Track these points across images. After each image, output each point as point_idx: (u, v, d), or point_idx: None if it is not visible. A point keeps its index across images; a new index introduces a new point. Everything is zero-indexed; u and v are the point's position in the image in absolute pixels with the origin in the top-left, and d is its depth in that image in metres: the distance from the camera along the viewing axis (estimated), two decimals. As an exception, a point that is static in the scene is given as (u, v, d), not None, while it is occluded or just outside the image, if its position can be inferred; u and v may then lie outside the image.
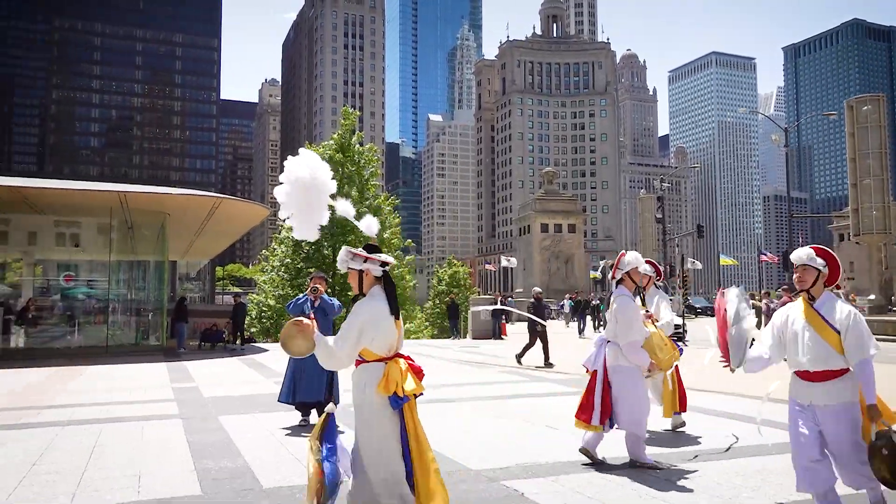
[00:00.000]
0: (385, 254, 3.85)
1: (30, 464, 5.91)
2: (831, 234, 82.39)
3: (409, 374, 3.69)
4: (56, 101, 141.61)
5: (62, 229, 23.44)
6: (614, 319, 5.80)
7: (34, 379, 12.92)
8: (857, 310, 4.07)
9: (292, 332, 3.66)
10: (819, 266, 4.07)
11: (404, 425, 3.61)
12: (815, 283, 4.06)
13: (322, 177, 3.73)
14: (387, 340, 3.70)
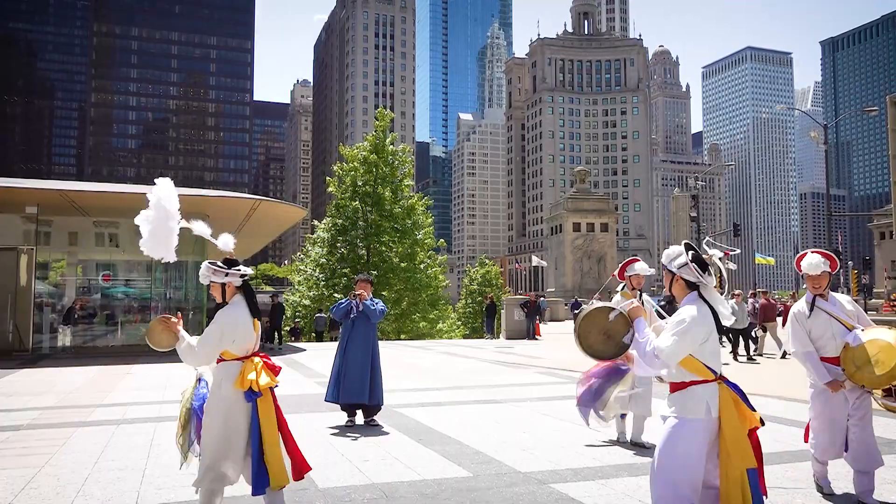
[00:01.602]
0: (243, 266, 4.30)
1: (92, 461, 6.13)
2: (871, 232, 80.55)
3: (263, 370, 4.09)
4: (95, 105, 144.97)
5: (102, 230, 23.96)
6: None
7: (84, 377, 13.30)
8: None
9: (156, 328, 4.19)
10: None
11: (257, 417, 4.03)
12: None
13: (167, 205, 4.16)
14: (246, 343, 4.16)
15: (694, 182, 60.09)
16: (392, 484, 5.35)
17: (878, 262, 71.87)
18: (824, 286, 4.74)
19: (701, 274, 3.54)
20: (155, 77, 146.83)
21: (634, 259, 6.92)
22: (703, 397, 3.43)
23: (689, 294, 3.59)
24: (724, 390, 3.46)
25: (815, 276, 4.85)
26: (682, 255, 3.60)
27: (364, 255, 33.25)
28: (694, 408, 3.43)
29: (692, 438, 3.40)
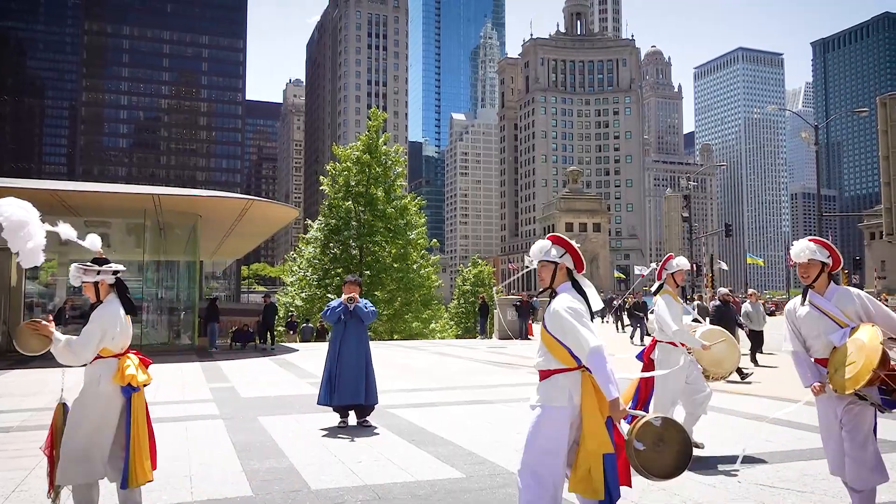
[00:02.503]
0: (114, 263, 4.33)
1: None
2: (861, 232, 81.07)
3: (139, 367, 4.20)
4: (85, 103, 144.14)
5: (93, 230, 23.80)
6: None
7: (76, 378, 13.22)
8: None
9: (25, 332, 4.16)
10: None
11: (130, 412, 4.12)
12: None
13: (13, 217, 4.04)
14: (123, 339, 4.22)
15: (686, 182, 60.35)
16: (385, 485, 5.35)
17: (869, 261, 72.36)
18: (813, 276, 4.18)
19: (579, 261, 3.77)
20: (146, 76, 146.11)
21: (671, 256, 6.68)
22: (565, 386, 3.51)
23: (565, 283, 3.72)
24: (587, 378, 3.52)
25: (802, 264, 4.26)
26: (552, 245, 3.72)
27: (357, 256, 33.20)
28: (557, 396, 3.51)
29: (555, 426, 3.49)
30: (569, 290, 3.67)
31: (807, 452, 6.41)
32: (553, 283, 3.74)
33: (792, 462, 6.05)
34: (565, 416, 3.50)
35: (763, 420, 7.87)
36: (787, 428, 7.71)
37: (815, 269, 4.15)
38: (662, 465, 3.46)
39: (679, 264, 6.48)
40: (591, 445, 3.44)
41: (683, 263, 6.51)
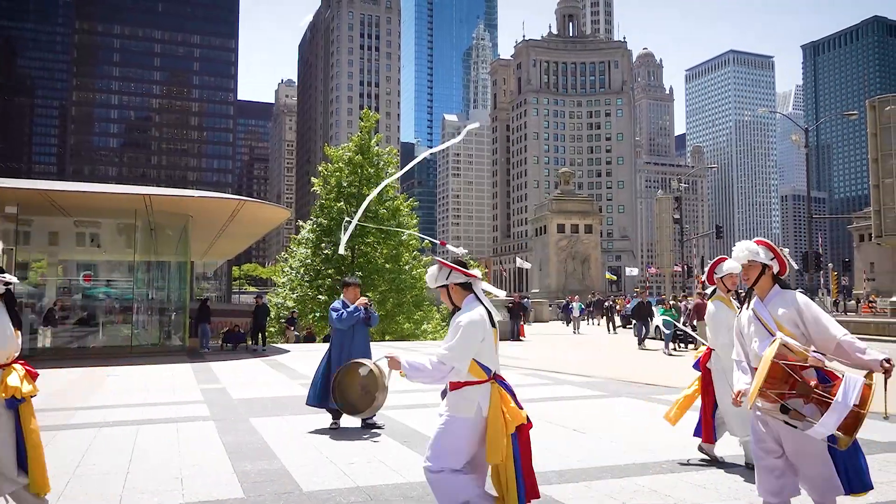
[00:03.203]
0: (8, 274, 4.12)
1: (74, 465, 6.06)
2: (851, 234, 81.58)
3: (25, 378, 4.04)
4: (76, 103, 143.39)
5: (83, 230, 23.72)
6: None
7: (65, 379, 13.15)
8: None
9: None
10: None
11: (20, 424, 4.00)
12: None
13: None
14: (9, 350, 4.03)
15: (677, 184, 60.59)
16: (377, 487, 5.35)
17: (858, 263, 72.82)
18: (752, 278, 3.91)
19: (468, 273, 3.73)
20: (137, 75, 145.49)
21: (722, 259, 6.13)
22: (474, 397, 3.60)
23: (467, 297, 3.75)
24: (496, 389, 3.62)
25: (744, 265, 3.99)
26: (442, 269, 3.78)
27: (349, 256, 33.15)
28: (465, 407, 3.61)
29: (461, 435, 3.58)
30: (471, 303, 3.74)
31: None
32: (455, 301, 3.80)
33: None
34: (472, 427, 3.60)
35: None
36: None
37: (755, 270, 3.90)
38: (349, 400, 3.88)
39: (728, 268, 5.98)
40: (493, 456, 3.53)
41: (733, 267, 5.90)
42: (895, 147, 30.39)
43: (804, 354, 3.58)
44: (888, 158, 30.50)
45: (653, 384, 12.11)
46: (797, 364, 3.56)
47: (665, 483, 5.43)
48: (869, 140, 31.72)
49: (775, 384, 3.56)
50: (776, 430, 3.72)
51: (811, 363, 3.55)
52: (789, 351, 3.59)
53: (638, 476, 5.63)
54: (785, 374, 3.55)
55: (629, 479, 5.56)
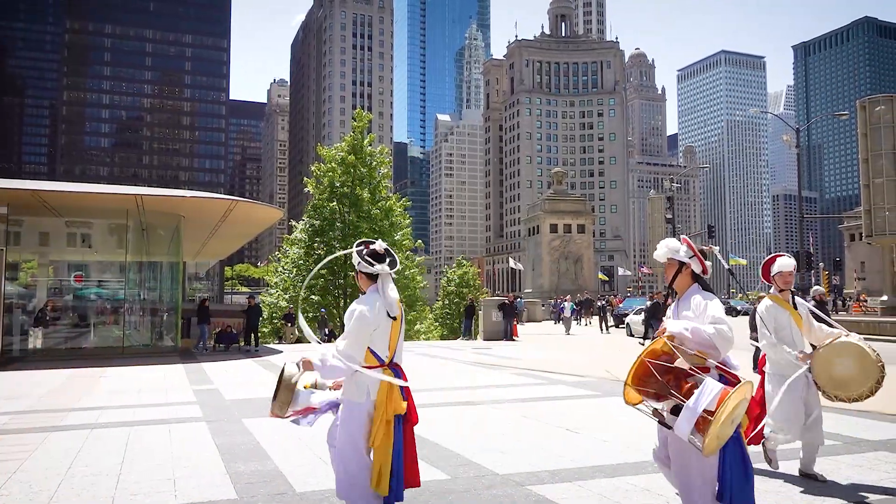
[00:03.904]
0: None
1: (66, 466, 6.04)
2: (842, 234, 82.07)
3: None
4: (66, 102, 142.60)
5: (74, 230, 23.61)
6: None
7: (57, 381, 13.09)
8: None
9: None
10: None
11: None
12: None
13: None
14: None
15: (669, 184, 60.81)
16: (370, 487, 5.34)
17: (849, 263, 73.26)
18: (670, 276, 4.01)
19: (373, 263, 3.92)
20: (129, 75, 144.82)
21: (776, 256, 5.81)
22: (364, 382, 3.81)
23: (370, 286, 3.97)
24: (387, 375, 3.81)
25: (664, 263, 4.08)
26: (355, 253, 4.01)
27: (341, 257, 33.10)
28: (356, 392, 3.82)
29: (355, 420, 3.81)
30: (370, 295, 3.93)
31: (788, 452, 6.48)
32: (360, 288, 4.05)
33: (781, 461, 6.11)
34: (363, 411, 3.82)
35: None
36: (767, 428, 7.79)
37: (672, 268, 3.92)
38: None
39: (780, 265, 5.62)
40: (372, 441, 3.76)
41: (785, 265, 5.60)
42: (885, 147, 30.53)
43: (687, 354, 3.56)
44: (878, 159, 30.64)
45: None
46: (662, 364, 3.56)
47: (658, 482, 5.45)
48: (859, 140, 31.83)
49: (643, 382, 3.59)
50: (664, 432, 3.80)
51: (678, 364, 3.53)
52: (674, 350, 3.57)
53: (631, 475, 5.65)
54: (650, 373, 3.56)
55: (622, 478, 5.58)
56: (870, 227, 31.13)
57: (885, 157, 30.57)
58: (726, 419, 3.28)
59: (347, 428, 3.84)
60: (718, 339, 3.50)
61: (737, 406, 3.34)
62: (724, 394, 3.29)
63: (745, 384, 3.42)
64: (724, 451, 3.52)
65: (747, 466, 3.59)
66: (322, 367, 3.85)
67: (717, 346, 3.53)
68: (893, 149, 30.60)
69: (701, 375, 3.47)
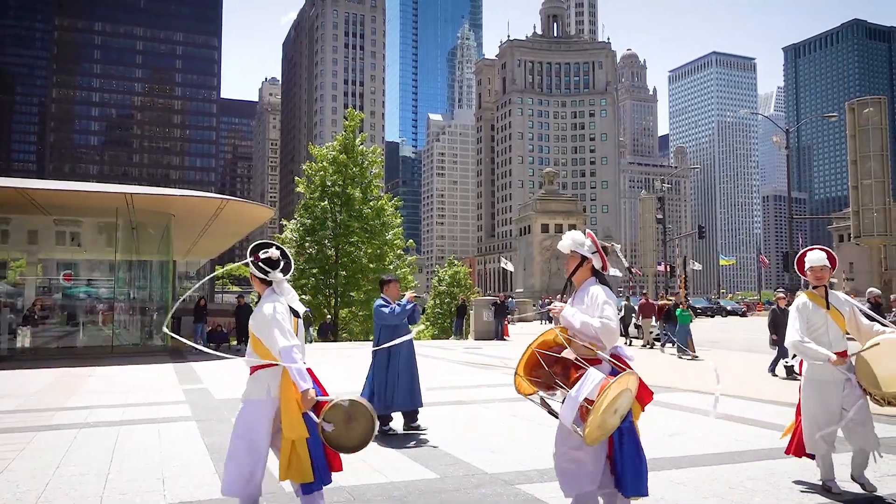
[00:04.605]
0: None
1: (54, 466, 6.02)
2: (831, 234, 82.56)
3: None
4: (56, 100, 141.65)
5: (63, 228, 23.48)
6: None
7: (45, 380, 13.01)
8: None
9: None
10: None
11: None
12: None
13: None
14: None
15: (660, 184, 61.00)
16: (359, 487, 5.36)
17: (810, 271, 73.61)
18: (571, 268, 4.05)
19: (267, 271, 4.05)
20: (119, 73, 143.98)
21: (809, 249, 5.35)
22: (265, 380, 3.90)
23: (266, 290, 4.08)
24: (287, 372, 3.86)
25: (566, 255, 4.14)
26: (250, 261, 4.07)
27: (333, 256, 33.06)
28: (257, 389, 3.92)
29: (256, 417, 3.87)
30: (270, 296, 4.03)
31: (774, 451, 6.53)
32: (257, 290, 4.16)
33: (760, 461, 6.17)
34: (264, 408, 3.88)
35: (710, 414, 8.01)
36: (755, 427, 7.86)
37: (574, 261, 3.97)
38: (351, 439, 3.87)
39: (810, 259, 5.21)
40: (288, 433, 3.78)
41: (816, 259, 5.18)
42: (873, 149, 30.80)
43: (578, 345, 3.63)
44: (867, 160, 30.92)
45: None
46: (551, 354, 3.64)
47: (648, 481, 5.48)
48: (848, 142, 32.13)
49: (533, 373, 3.69)
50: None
51: (564, 354, 3.61)
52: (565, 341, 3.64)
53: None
54: (539, 363, 3.67)
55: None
56: (858, 227, 31.41)
57: (874, 158, 30.85)
58: (606, 408, 3.32)
59: (246, 426, 3.89)
60: (603, 332, 3.59)
61: (618, 396, 3.37)
62: (604, 383, 3.35)
63: (627, 375, 3.45)
64: (620, 443, 3.59)
65: (641, 458, 3.63)
66: (300, 376, 3.81)
67: (601, 339, 3.61)
68: (882, 150, 30.89)
69: (586, 366, 3.52)
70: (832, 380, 4.88)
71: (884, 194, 30.91)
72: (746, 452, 6.54)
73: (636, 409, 3.68)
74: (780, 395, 10.55)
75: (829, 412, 4.90)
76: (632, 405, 3.58)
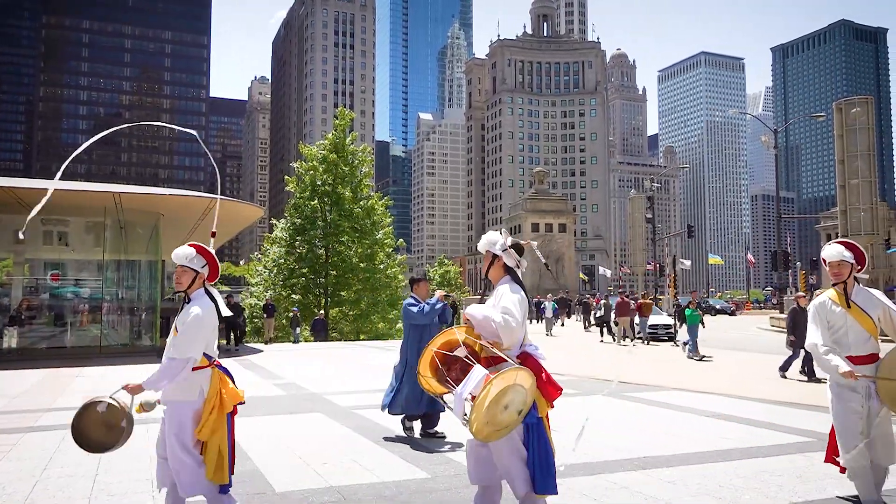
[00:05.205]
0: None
1: (41, 468, 5.96)
2: (818, 233, 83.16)
3: None
4: (44, 98, 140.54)
5: (50, 228, 23.28)
6: None
7: (32, 381, 12.90)
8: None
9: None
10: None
11: None
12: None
13: None
14: None
15: (650, 184, 61.24)
16: (351, 486, 5.34)
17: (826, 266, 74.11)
18: (485, 269, 4.05)
19: (198, 269, 4.03)
20: (107, 71, 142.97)
21: (830, 243, 4.87)
22: (197, 381, 3.92)
23: (196, 291, 4.05)
24: (216, 373, 3.97)
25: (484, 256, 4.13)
26: (194, 255, 4.03)
27: (323, 255, 32.98)
28: (189, 390, 3.91)
29: (187, 419, 3.89)
30: (200, 298, 4.01)
31: (763, 449, 6.57)
32: (189, 290, 4.04)
33: (749, 459, 6.20)
34: (196, 409, 3.91)
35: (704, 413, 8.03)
36: (744, 426, 7.90)
37: (488, 260, 4.04)
38: (98, 437, 3.92)
39: (823, 254, 4.79)
40: (206, 432, 3.86)
41: (829, 254, 4.70)
42: (861, 149, 30.99)
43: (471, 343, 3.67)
44: (854, 160, 31.10)
45: (626, 382, 12.24)
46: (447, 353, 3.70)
47: (636, 479, 5.50)
48: (836, 142, 32.29)
49: (433, 372, 3.75)
50: None
51: (456, 352, 3.65)
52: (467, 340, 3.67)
53: (610, 473, 5.70)
54: (435, 363, 3.72)
55: (602, 476, 5.62)
56: (846, 227, 31.56)
57: (861, 158, 31.03)
58: (491, 404, 3.32)
59: (180, 428, 3.88)
60: (502, 329, 3.58)
61: (504, 391, 3.34)
62: (486, 379, 3.36)
63: (513, 370, 3.43)
64: (528, 440, 3.59)
65: (549, 457, 3.62)
66: (150, 383, 3.88)
67: (500, 335, 3.61)
68: (869, 150, 31.08)
69: (474, 363, 3.55)
70: (855, 386, 4.45)
71: (871, 194, 31.10)
72: (736, 451, 6.57)
73: (542, 404, 3.64)
74: (774, 395, 10.61)
75: (846, 419, 4.50)
76: (534, 400, 3.54)
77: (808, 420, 8.18)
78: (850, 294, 4.56)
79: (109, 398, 3.93)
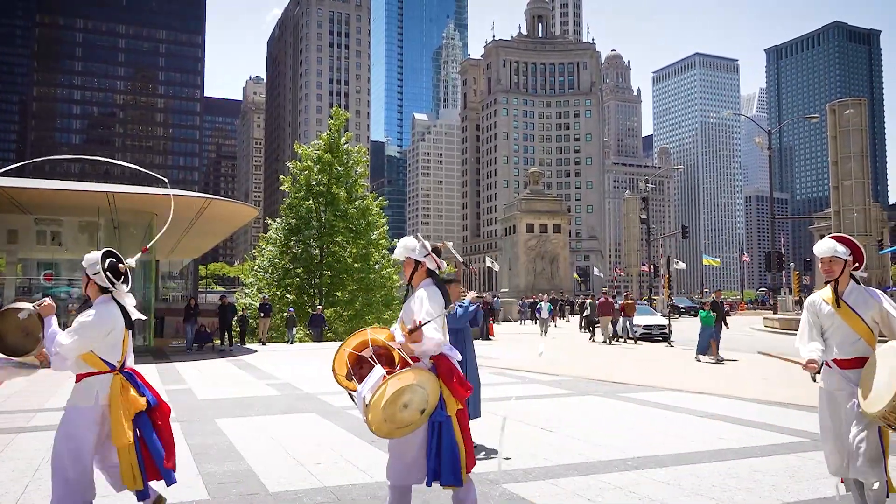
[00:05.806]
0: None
1: (33, 469, 5.94)
2: (812, 234, 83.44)
3: None
4: (37, 98, 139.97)
5: (44, 227, 23.19)
6: None
7: (24, 381, 12.84)
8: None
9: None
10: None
11: None
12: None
13: None
14: None
15: (644, 184, 61.39)
16: (344, 487, 5.33)
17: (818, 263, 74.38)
18: (408, 273, 3.98)
19: (114, 282, 3.96)
20: (101, 70, 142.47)
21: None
22: (93, 387, 3.85)
23: (100, 297, 3.98)
24: (117, 380, 3.89)
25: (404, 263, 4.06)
26: (98, 262, 3.94)
27: (317, 256, 32.94)
28: (85, 396, 3.85)
29: (83, 424, 3.82)
30: (105, 302, 3.94)
31: (757, 449, 6.59)
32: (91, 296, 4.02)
33: (742, 459, 6.22)
34: (91, 415, 3.83)
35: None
36: (738, 426, 7.92)
37: (409, 266, 3.98)
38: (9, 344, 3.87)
39: (816, 251, 4.37)
40: (117, 441, 3.81)
41: (819, 249, 4.31)
42: (854, 150, 31.16)
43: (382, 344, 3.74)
44: (847, 161, 31.26)
45: (621, 382, 12.26)
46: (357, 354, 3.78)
47: (630, 479, 5.51)
48: (829, 143, 32.45)
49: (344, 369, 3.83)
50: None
51: (364, 353, 3.73)
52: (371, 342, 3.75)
53: (604, 473, 5.70)
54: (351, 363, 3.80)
55: (595, 476, 5.63)
56: (839, 228, 31.71)
57: (854, 159, 31.20)
58: (388, 403, 3.39)
59: (72, 434, 3.80)
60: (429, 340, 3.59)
61: (400, 392, 3.41)
62: (383, 380, 3.44)
63: (411, 371, 3.49)
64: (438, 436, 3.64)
65: (455, 452, 3.67)
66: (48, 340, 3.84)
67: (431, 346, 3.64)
68: (862, 151, 31.25)
69: (375, 363, 3.62)
70: (839, 390, 4.03)
71: (864, 195, 31.27)
72: (730, 451, 6.59)
73: (451, 403, 3.68)
74: (767, 395, 10.64)
75: (838, 428, 4.04)
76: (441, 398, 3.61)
77: (802, 420, 8.21)
78: (842, 293, 4.15)
79: (33, 306, 3.89)
